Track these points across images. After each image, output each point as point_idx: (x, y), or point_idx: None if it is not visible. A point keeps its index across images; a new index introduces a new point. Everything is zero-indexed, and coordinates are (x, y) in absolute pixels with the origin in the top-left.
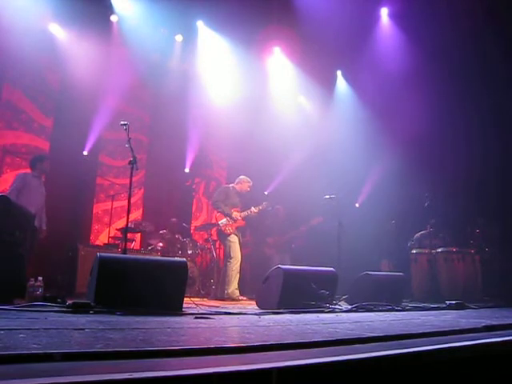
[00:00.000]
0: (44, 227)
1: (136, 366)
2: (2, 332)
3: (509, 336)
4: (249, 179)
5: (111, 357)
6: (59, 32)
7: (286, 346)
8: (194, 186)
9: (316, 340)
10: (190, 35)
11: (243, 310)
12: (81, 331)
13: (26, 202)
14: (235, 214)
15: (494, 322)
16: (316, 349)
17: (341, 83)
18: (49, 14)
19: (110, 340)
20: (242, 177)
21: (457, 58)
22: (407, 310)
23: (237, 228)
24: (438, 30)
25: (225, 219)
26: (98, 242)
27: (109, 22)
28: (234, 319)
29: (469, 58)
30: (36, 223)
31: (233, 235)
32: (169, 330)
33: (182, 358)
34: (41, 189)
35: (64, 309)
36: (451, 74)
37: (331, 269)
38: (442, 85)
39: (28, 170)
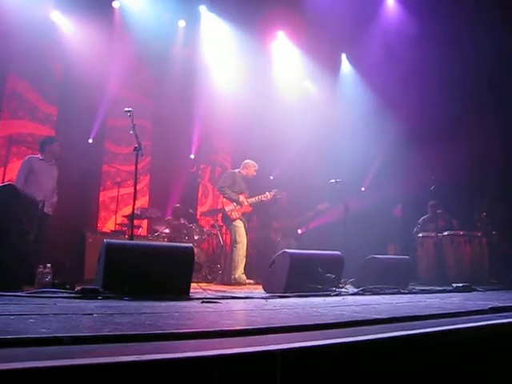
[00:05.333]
0: (55, 199)
1: (143, 349)
2: (12, 317)
3: None
4: (254, 163)
5: (119, 340)
6: (61, 20)
7: (292, 329)
8: (199, 172)
9: (322, 322)
10: (193, 20)
11: (250, 294)
12: (89, 316)
13: (35, 187)
14: (242, 199)
15: (501, 304)
16: (322, 331)
17: (345, 66)
18: (50, 2)
19: (118, 324)
20: (247, 161)
21: (465, 40)
22: (414, 293)
23: (243, 213)
24: (445, 11)
25: (232, 205)
26: (105, 229)
27: (111, 8)
28: (240, 303)
29: (478, 40)
30: (46, 209)
31: (238, 220)
32: (176, 314)
33: (188, 341)
34: (51, 172)
35: (73, 295)
36: (459, 56)
37: (337, 252)
38: (448, 67)
39: (36, 154)
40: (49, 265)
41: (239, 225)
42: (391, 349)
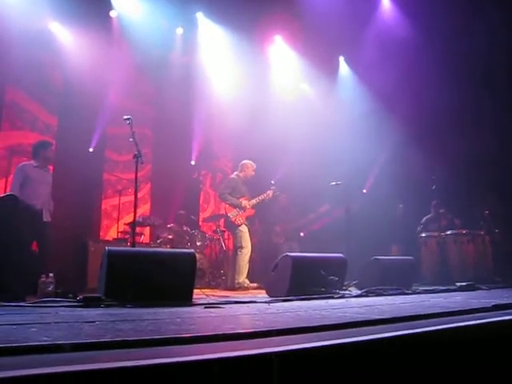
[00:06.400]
0: (51, 207)
1: (144, 354)
2: (15, 327)
3: None
4: (252, 163)
5: (120, 346)
6: (60, 30)
7: (293, 331)
8: (200, 178)
9: (323, 324)
10: (191, 27)
11: (253, 299)
12: (91, 324)
13: (32, 196)
14: (244, 203)
15: (504, 301)
16: (323, 332)
17: (343, 69)
18: (49, 13)
19: (119, 331)
20: (244, 161)
21: (460, 38)
22: (417, 293)
23: (246, 218)
24: (439, 9)
25: (235, 210)
26: (107, 238)
27: (108, 18)
28: (243, 307)
29: (473, 37)
30: (45, 218)
31: (243, 225)
32: (178, 319)
33: (189, 346)
34: (46, 179)
35: (75, 303)
36: (454, 54)
37: (340, 255)
38: (444, 66)
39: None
40: (51, 274)
41: (244, 230)
42: (393, 348)
